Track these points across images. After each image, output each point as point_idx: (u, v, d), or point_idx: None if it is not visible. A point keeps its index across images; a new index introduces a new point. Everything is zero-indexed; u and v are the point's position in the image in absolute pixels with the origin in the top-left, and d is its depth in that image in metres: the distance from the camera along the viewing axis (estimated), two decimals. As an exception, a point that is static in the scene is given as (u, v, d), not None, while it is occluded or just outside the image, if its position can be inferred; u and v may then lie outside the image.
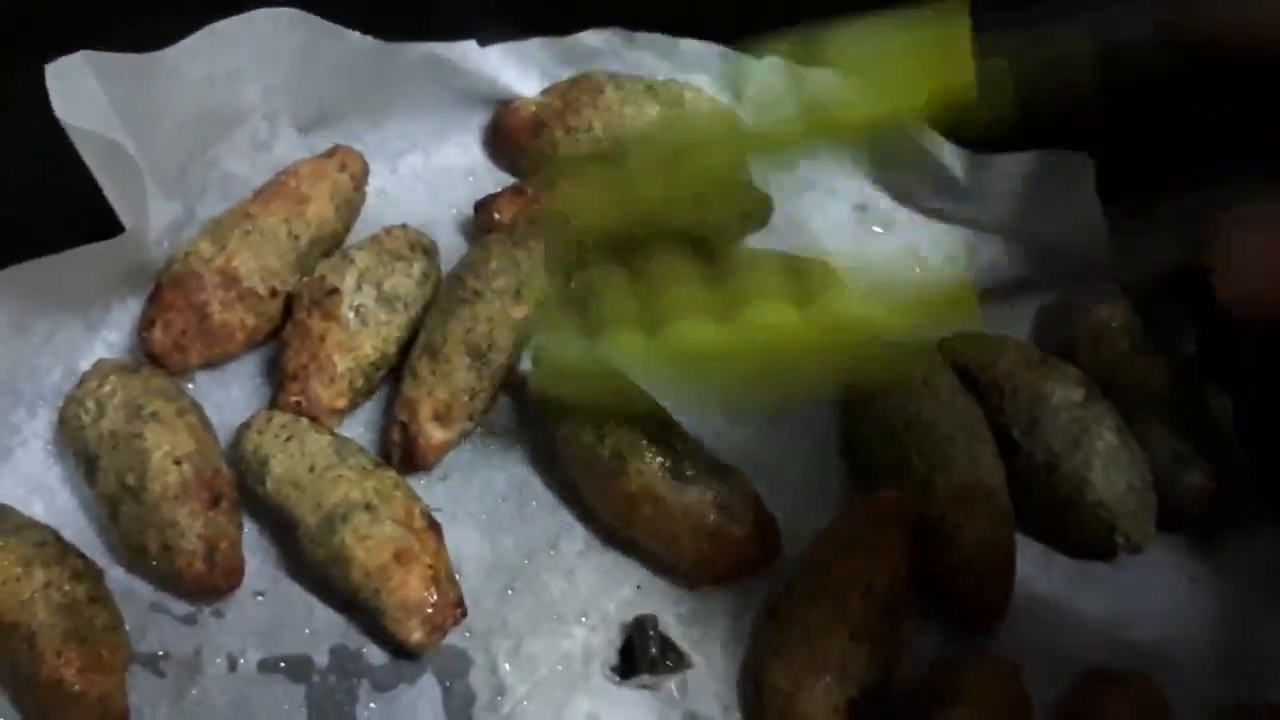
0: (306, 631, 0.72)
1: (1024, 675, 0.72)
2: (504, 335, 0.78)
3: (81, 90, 0.70)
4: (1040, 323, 0.87)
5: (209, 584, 0.70)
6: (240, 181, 0.84)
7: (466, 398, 0.76)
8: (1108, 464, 0.77)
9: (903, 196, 0.95)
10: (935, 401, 0.78)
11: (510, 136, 0.90)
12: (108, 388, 0.74)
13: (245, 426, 0.75)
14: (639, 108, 0.88)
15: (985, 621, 0.75)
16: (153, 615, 0.72)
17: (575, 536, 0.76)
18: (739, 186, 0.88)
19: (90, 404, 0.73)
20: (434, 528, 0.72)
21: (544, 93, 0.91)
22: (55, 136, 0.68)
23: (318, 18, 0.81)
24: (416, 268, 0.80)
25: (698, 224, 0.81)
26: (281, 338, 0.78)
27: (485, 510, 0.78)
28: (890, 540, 0.72)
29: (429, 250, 0.82)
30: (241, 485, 0.74)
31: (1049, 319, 0.87)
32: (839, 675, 0.68)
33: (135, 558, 0.71)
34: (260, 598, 0.73)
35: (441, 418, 0.76)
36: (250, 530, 0.74)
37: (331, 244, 0.83)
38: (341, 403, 0.76)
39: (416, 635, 0.68)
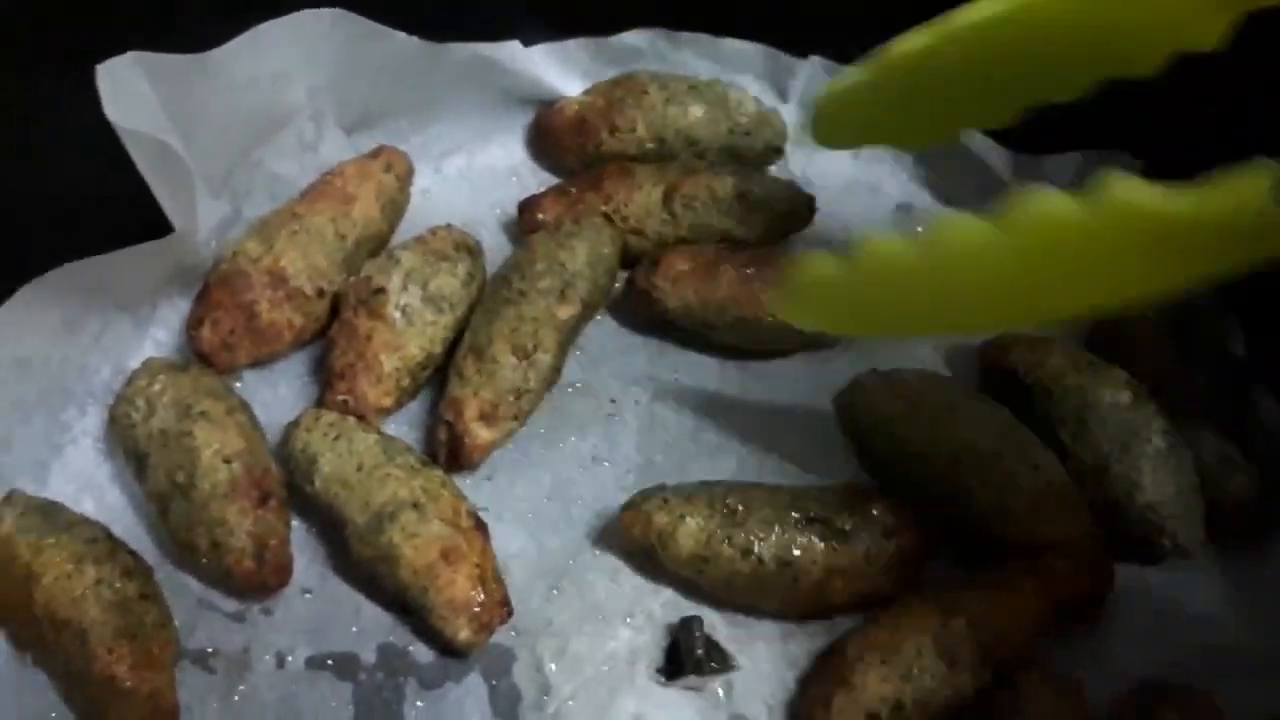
0: (354, 629, 0.73)
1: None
2: (549, 335, 0.78)
3: (131, 91, 0.71)
4: (1088, 323, 0.86)
5: (258, 581, 0.71)
6: (287, 182, 0.85)
7: (512, 398, 0.76)
8: (1156, 467, 0.76)
9: (946, 196, 0.94)
10: (968, 422, 0.77)
11: (554, 136, 0.90)
12: (157, 386, 0.74)
13: (293, 425, 0.75)
14: (683, 107, 0.88)
15: (1089, 610, 0.75)
16: (202, 612, 0.72)
17: (620, 536, 0.76)
18: (783, 187, 0.87)
19: (140, 402, 0.74)
20: (480, 527, 0.72)
21: (587, 92, 0.91)
22: (105, 137, 0.69)
23: (363, 18, 0.81)
24: (461, 268, 0.80)
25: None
26: (328, 337, 0.79)
27: (530, 510, 0.78)
28: (1030, 595, 0.71)
29: (474, 250, 0.82)
30: (289, 484, 0.74)
31: (1098, 320, 0.86)
32: (903, 672, 0.68)
33: (185, 555, 0.72)
34: (308, 595, 0.73)
35: (487, 418, 0.76)
36: (298, 528, 0.75)
37: (377, 244, 0.84)
38: (388, 401, 0.77)
39: (464, 634, 0.69)
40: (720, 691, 0.72)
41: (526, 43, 0.89)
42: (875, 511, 0.73)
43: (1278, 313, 0.81)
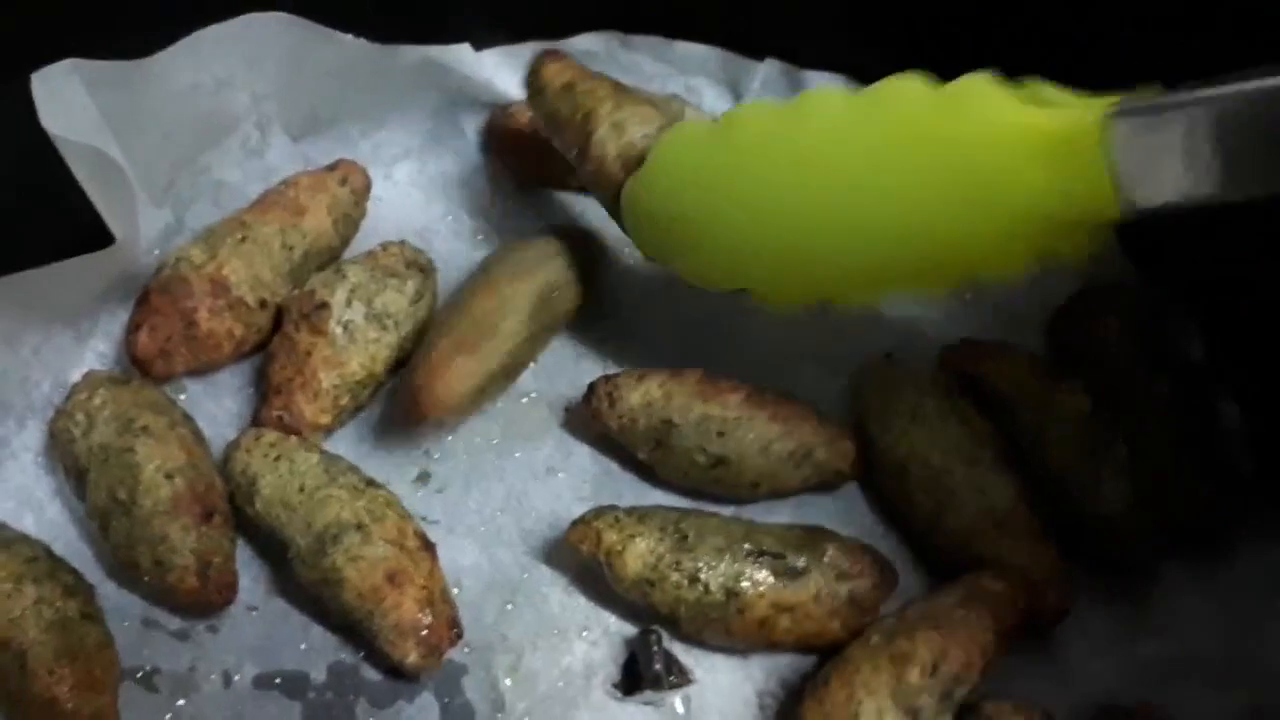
0: (303, 647, 0.71)
1: (1030, 692, 0.71)
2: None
3: (68, 99, 0.69)
4: (1049, 330, 0.85)
5: (203, 599, 0.69)
6: (232, 189, 0.83)
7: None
8: (1115, 476, 0.75)
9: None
10: (926, 433, 0.76)
11: (506, 140, 0.89)
12: (98, 400, 0.73)
13: (234, 445, 0.74)
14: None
15: (1044, 628, 0.74)
16: (146, 630, 0.71)
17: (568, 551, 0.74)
18: None
19: (80, 417, 0.72)
20: (428, 547, 0.71)
21: None
22: (44, 145, 0.68)
23: (309, 21, 0.79)
24: (410, 285, 0.78)
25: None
26: (268, 350, 0.77)
27: (484, 522, 0.76)
28: (974, 627, 0.68)
29: (425, 268, 0.80)
30: (233, 502, 0.73)
31: (1058, 326, 0.85)
32: None
33: (127, 573, 0.70)
34: (255, 612, 0.72)
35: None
36: (244, 543, 0.73)
37: (327, 257, 0.82)
38: (326, 419, 0.75)
39: (412, 657, 0.67)
40: (679, 706, 0.71)
41: (477, 46, 0.87)
42: (830, 553, 0.72)
43: (1238, 320, 0.81)
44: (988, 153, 0.55)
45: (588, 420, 0.78)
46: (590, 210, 0.88)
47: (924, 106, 0.56)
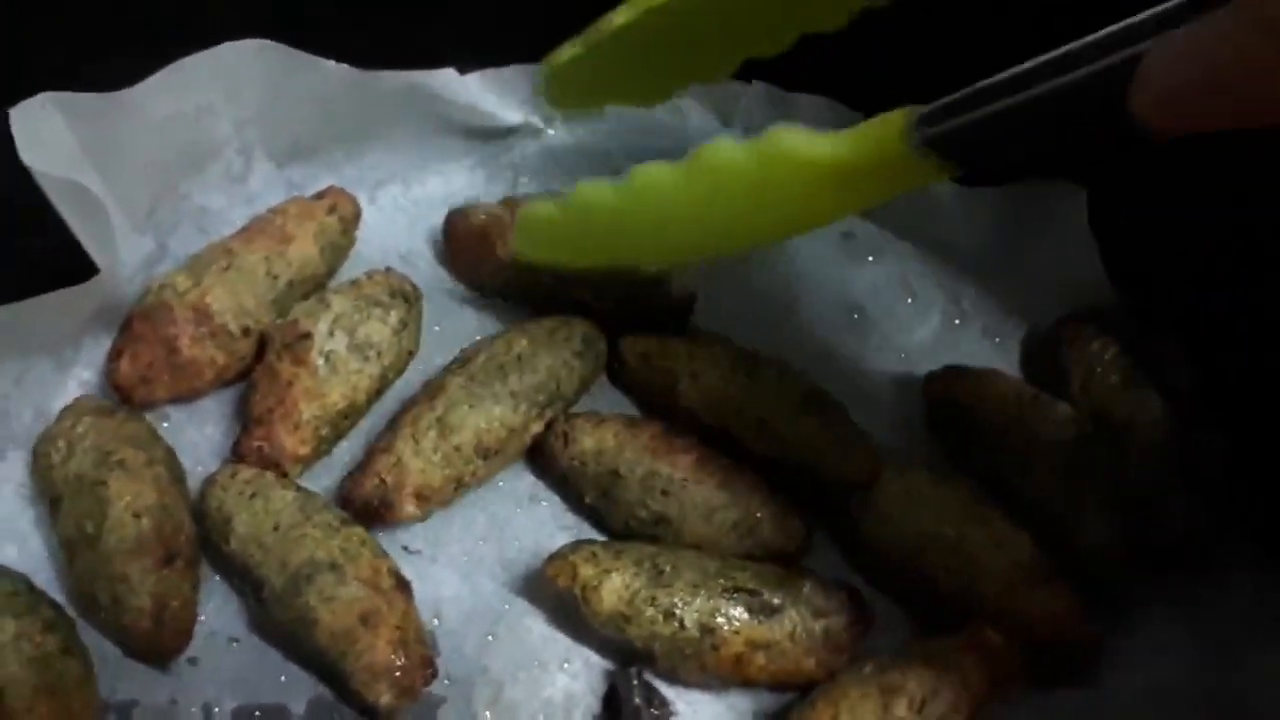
0: (282, 679, 0.71)
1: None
2: (514, 446, 0.77)
3: (47, 132, 0.69)
4: (1029, 354, 0.85)
5: (156, 643, 0.69)
6: (216, 215, 0.83)
7: (453, 487, 0.75)
8: (1098, 503, 0.75)
9: (890, 225, 0.93)
10: (931, 509, 0.76)
11: (459, 242, 0.87)
12: (80, 429, 0.72)
13: (209, 482, 0.73)
14: None
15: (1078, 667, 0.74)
16: (126, 663, 0.70)
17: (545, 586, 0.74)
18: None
19: (61, 444, 0.72)
20: (402, 587, 0.70)
21: (501, 201, 0.87)
22: (24, 176, 0.67)
23: (289, 48, 0.79)
24: (394, 315, 0.78)
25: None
26: (251, 379, 0.77)
27: (465, 552, 0.76)
28: (968, 673, 0.69)
29: (410, 297, 0.80)
30: (209, 539, 0.72)
31: (1038, 350, 0.85)
32: None
33: (86, 608, 0.70)
34: (236, 644, 0.72)
35: (422, 498, 0.74)
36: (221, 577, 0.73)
37: (312, 285, 0.81)
38: (305, 450, 0.75)
39: (385, 699, 0.67)
40: (660, 738, 0.71)
41: (462, 70, 0.87)
42: (806, 590, 0.72)
43: (1223, 343, 0.80)
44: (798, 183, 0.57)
45: (544, 456, 0.78)
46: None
47: (738, 164, 0.59)
